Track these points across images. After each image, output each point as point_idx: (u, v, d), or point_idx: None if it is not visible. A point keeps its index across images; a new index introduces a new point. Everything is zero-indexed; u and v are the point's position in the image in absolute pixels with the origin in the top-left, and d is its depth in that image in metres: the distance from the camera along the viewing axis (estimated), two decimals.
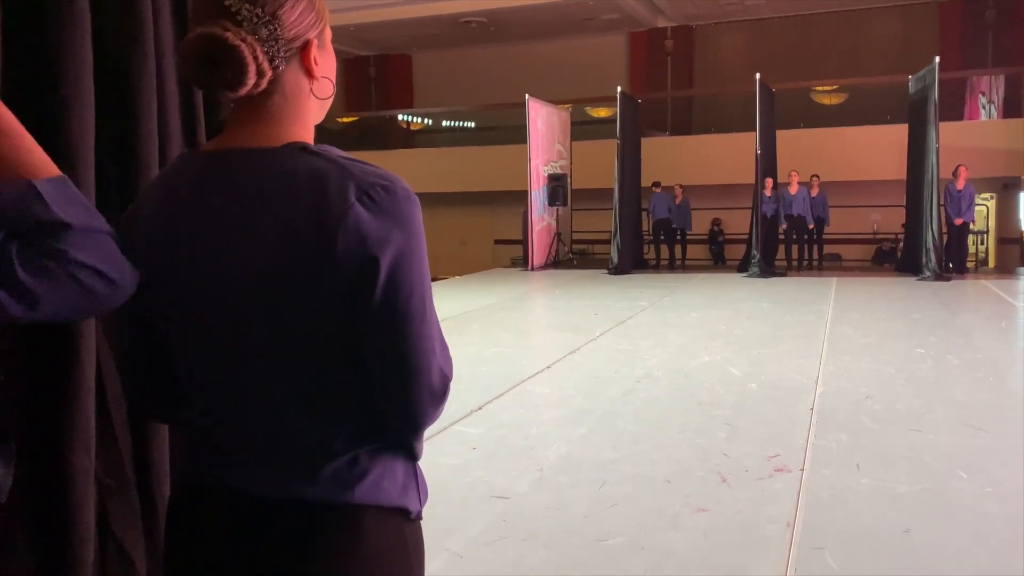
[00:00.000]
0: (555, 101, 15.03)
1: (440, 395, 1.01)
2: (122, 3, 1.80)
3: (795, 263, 12.92)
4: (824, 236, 13.26)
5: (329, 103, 1.08)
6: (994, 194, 15.65)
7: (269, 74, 0.96)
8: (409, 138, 20.65)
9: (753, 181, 12.55)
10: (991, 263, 15.53)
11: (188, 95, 1.92)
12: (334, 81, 1.07)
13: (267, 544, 0.98)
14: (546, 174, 14.09)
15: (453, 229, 19.11)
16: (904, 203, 12.84)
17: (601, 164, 14.15)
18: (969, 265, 12.49)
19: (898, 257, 13.47)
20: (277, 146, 0.99)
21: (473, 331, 7.53)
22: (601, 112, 17.70)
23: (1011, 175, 15.12)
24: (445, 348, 1.02)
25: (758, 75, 12.28)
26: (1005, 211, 16.36)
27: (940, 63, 11.20)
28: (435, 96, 20.59)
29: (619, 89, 13.37)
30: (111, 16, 1.79)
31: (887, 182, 13.91)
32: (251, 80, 0.94)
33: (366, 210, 0.93)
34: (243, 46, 0.93)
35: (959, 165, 11.39)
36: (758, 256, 12.10)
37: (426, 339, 0.97)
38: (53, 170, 0.94)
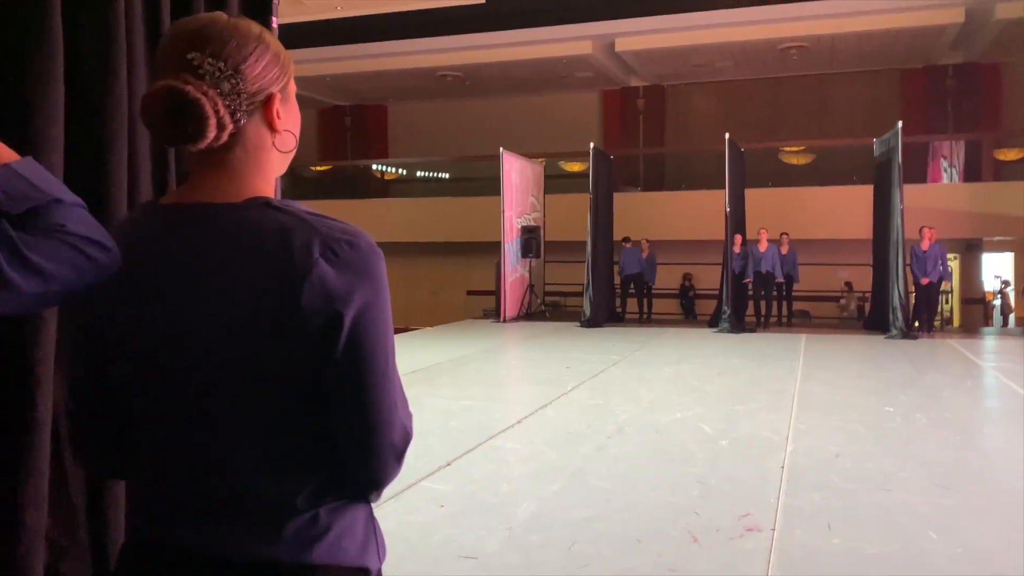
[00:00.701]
0: (529, 155, 15.22)
1: (402, 451, 1.00)
2: (95, 43, 1.78)
3: (763, 319, 13.04)
4: (793, 293, 13.43)
5: (291, 156, 1.08)
6: (957, 255, 16.01)
7: (230, 127, 0.96)
8: (384, 188, 20.74)
9: (723, 237, 12.73)
10: (955, 322, 15.80)
11: (161, 148, 1.91)
12: (297, 135, 1.07)
13: None
14: (519, 226, 14.18)
15: (426, 279, 19.09)
16: (871, 262, 13.08)
17: (574, 217, 14.28)
18: (935, 324, 12.68)
19: (866, 315, 13.65)
20: (240, 201, 0.98)
21: (444, 383, 7.46)
22: (575, 167, 17.94)
23: (973, 236, 15.52)
24: (405, 403, 1.01)
25: (728, 134, 12.55)
26: (968, 271, 16.74)
27: (903, 127, 11.53)
28: (410, 147, 20.76)
29: (592, 145, 13.57)
30: (85, 58, 1.78)
31: (854, 241, 14.18)
32: (211, 133, 0.94)
33: (330, 266, 0.93)
34: (203, 99, 0.93)
35: (923, 226, 11.65)
36: (729, 311, 12.20)
37: (389, 394, 0.97)
38: (17, 155, 0.95)
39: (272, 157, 1.03)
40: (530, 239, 14.05)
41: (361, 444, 0.96)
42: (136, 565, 1.01)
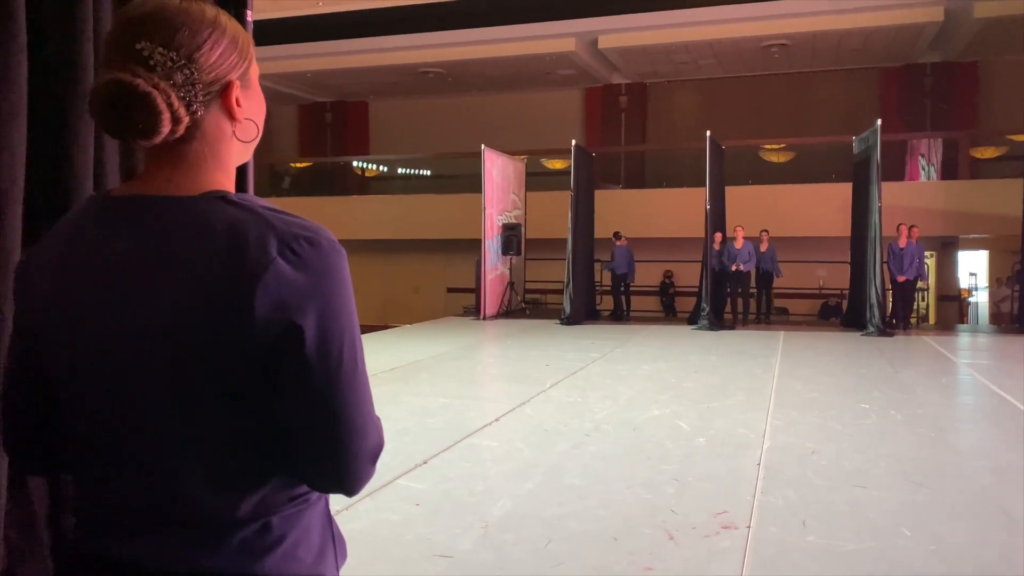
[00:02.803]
0: (511, 152, 15.19)
1: (377, 455, 0.94)
2: (62, 38, 1.74)
3: (741, 316, 13.09)
4: (772, 290, 13.50)
5: (254, 145, 1.02)
6: (934, 252, 16.16)
7: (186, 120, 0.90)
8: (364, 185, 20.63)
9: (703, 235, 12.77)
10: (931, 319, 15.95)
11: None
12: (260, 123, 1.01)
13: None
14: (500, 223, 14.15)
15: (406, 276, 19.03)
16: (849, 260, 13.17)
17: (555, 215, 14.28)
18: (912, 321, 12.79)
19: (843, 312, 13.75)
20: (195, 194, 0.92)
21: (422, 381, 7.43)
22: (556, 164, 17.94)
23: (949, 234, 15.67)
24: (373, 405, 0.96)
25: (708, 132, 12.58)
26: (944, 269, 16.91)
27: (881, 125, 11.61)
28: (391, 143, 20.67)
29: (573, 142, 13.57)
30: (51, 52, 1.74)
31: (833, 239, 14.28)
32: (166, 128, 0.89)
33: (289, 265, 0.86)
34: (156, 93, 0.87)
35: (900, 224, 11.74)
36: (708, 309, 12.25)
37: (360, 399, 0.91)
38: None
39: (232, 147, 0.97)
40: (511, 236, 14.03)
41: (334, 452, 0.90)
42: None
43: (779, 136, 17.85)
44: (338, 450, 0.90)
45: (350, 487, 0.93)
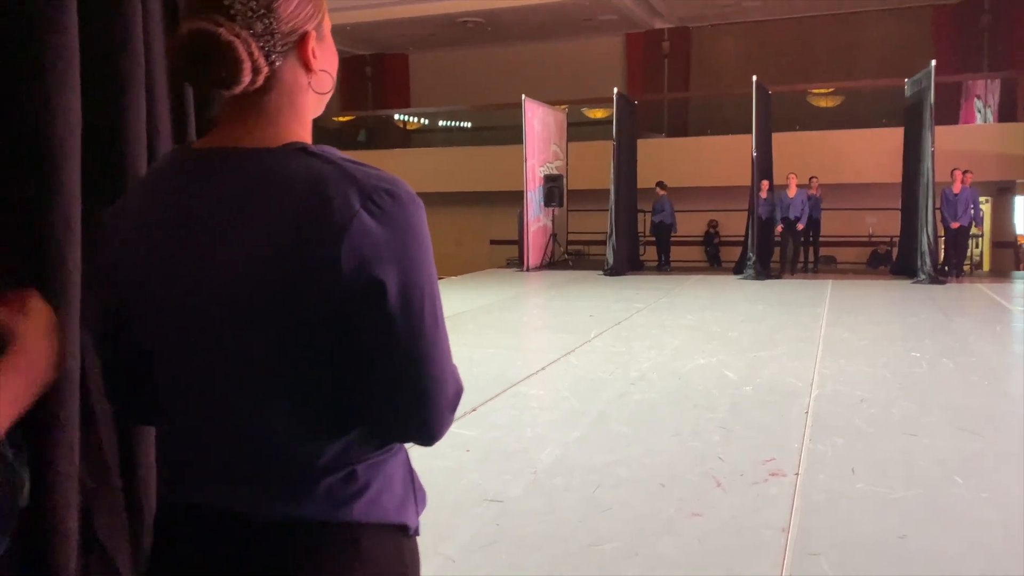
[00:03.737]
0: (551, 102, 15.02)
1: (456, 404, 0.97)
2: (111, 5, 1.76)
3: (790, 265, 12.91)
4: (820, 239, 13.26)
5: (328, 97, 1.03)
6: (989, 198, 15.67)
7: (265, 71, 0.92)
8: (406, 138, 20.62)
9: (749, 183, 12.55)
10: (986, 267, 15.55)
11: (179, 90, 1.89)
12: (334, 75, 1.02)
13: (256, 568, 0.92)
14: (542, 175, 14.07)
15: (449, 229, 19.06)
16: (899, 206, 12.85)
17: (597, 165, 14.13)
18: (964, 269, 12.49)
19: (893, 260, 13.48)
20: (274, 146, 0.93)
21: (468, 331, 7.51)
22: (597, 113, 17.69)
23: (1006, 179, 15.15)
24: (451, 356, 0.98)
25: (755, 77, 12.28)
26: (1000, 215, 16.39)
27: (936, 67, 11.21)
28: (432, 96, 20.56)
29: (615, 91, 13.35)
30: (98, 20, 1.76)
31: (882, 185, 13.92)
32: (247, 78, 0.90)
33: (372, 218, 0.87)
34: (237, 42, 0.88)
35: (954, 169, 11.40)
36: (754, 258, 12.10)
37: (441, 350, 0.93)
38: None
39: (308, 99, 0.98)
40: (553, 188, 13.96)
41: (416, 402, 0.92)
42: (167, 524, 1.00)
43: (828, 80, 17.33)
44: (421, 401, 0.92)
45: (432, 436, 0.96)
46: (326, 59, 1.00)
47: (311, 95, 0.99)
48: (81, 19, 1.66)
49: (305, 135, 0.98)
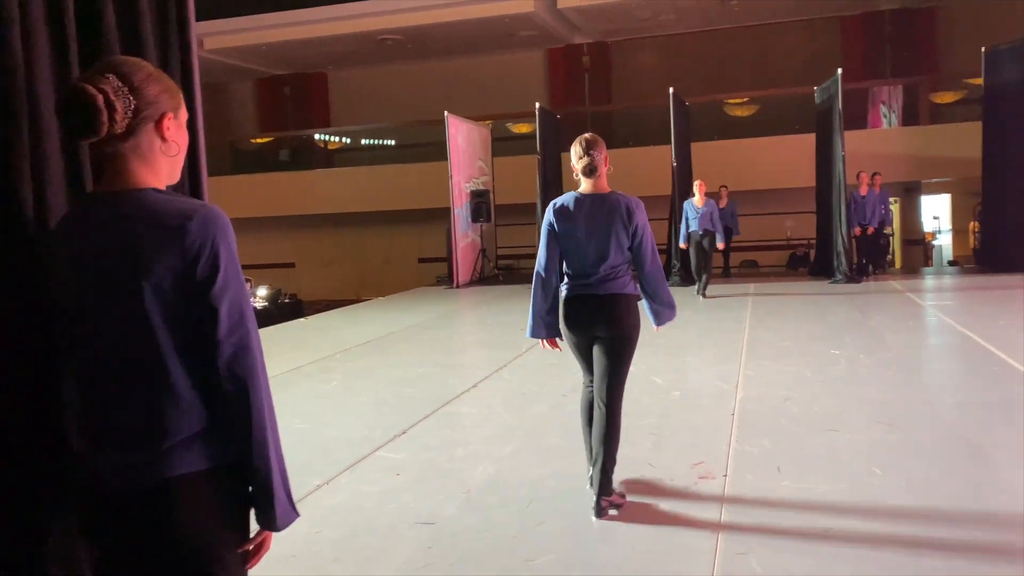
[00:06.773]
0: (475, 117, 15.06)
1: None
2: None
3: (704, 276, 13.03)
4: (737, 244, 13.43)
5: (179, 162, 1.46)
6: (898, 198, 16.37)
7: (121, 125, 1.30)
8: (328, 158, 20.38)
9: (670, 192, 12.78)
10: (898, 264, 16.21)
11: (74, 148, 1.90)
12: (184, 149, 1.46)
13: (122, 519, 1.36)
14: (468, 191, 14.08)
15: (377, 248, 18.90)
16: (815, 209, 13.28)
17: (523, 179, 14.22)
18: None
19: (811, 262, 13.92)
20: (138, 189, 1.37)
21: (399, 352, 7.44)
22: (522, 128, 17.81)
23: (912, 179, 15.86)
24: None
25: (671, 89, 12.56)
26: (908, 214, 17.14)
27: (843, 74, 11.66)
28: (354, 114, 20.37)
29: (538, 105, 13.48)
30: None
31: (798, 189, 14.38)
32: (103, 128, 1.27)
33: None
34: (99, 96, 1.25)
35: (860, 172, 11.83)
36: (679, 265, 12.33)
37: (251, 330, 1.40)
38: None
39: (162, 161, 1.42)
40: (480, 203, 13.97)
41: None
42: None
43: (742, 90, 17.87)
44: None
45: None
46: (179, 136, 1.45)
47: (164, 158, 1.42)
48: None
49: (158, 184, 1.41)
